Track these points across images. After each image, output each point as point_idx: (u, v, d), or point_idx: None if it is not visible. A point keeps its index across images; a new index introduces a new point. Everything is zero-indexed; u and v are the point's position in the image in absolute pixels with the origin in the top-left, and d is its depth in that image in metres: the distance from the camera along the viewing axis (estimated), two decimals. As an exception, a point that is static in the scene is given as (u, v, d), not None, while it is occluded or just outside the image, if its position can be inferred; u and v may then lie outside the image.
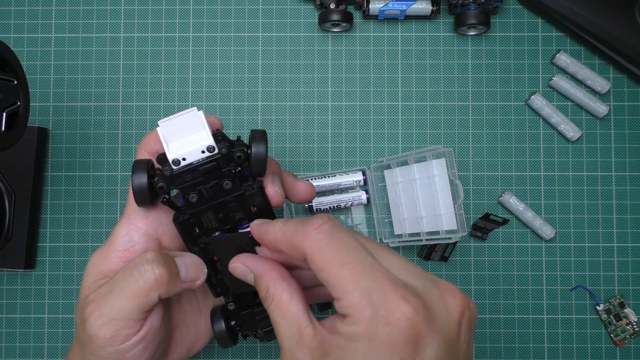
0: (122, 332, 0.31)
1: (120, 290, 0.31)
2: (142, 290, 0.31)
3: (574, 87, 0.47)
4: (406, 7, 0.46)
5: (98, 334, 0.31)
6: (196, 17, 0.49)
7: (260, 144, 0.32)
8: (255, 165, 0.33)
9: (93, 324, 0.31)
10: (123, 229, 0.34)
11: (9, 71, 0.36)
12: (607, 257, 0.47)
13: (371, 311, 0.26)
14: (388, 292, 0.26)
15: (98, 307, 0.31)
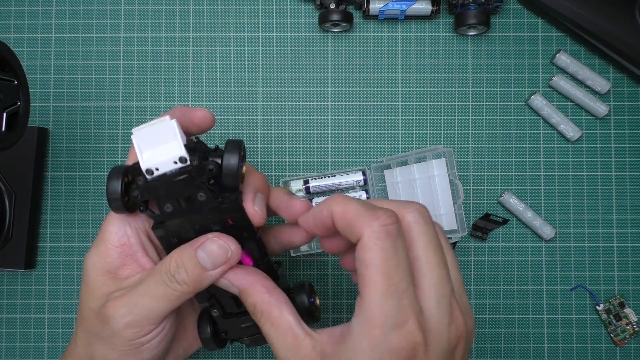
0: (146, 329, 0.33)
1: (152, 294, 0.32)
2: (174, 296, 0.32)
3: (574, 87, 0.47)
4: (406, 7, 0.46)
5: (124, 330, 0.32)
6: (196, 17, 0.49)
7: (232, 156, 0.31)
8: (226, 178, 0.31)
9: (120, 321, 0.32)
10: (114, 225, 0.34)
11: (9, 71, 0.36)
12: (607, 257, 0.47)
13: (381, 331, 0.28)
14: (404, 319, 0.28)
15: (125, 305, 0.32)
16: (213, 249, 0.32)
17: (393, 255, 0.28)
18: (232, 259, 0.32)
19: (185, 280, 0.32)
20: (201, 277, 0.32)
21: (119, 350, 0.33)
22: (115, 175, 0.32)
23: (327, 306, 0.47)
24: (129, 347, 0.33)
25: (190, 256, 0.32)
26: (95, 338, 0.34)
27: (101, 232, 0.35)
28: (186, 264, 0.32)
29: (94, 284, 0.34)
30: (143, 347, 0.33)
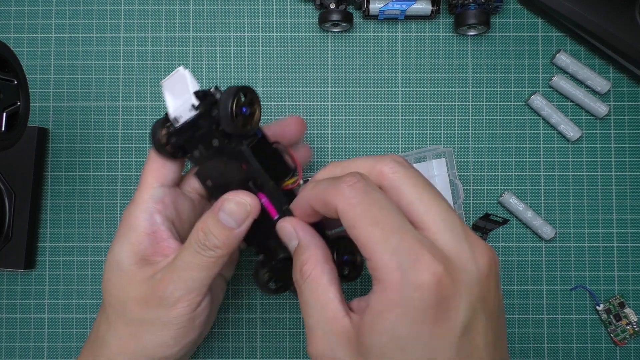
0: (196, 299, 0.34)
1: (191, 266, 0.33)
2: (210, 262, 0.33)
3: (574, 87, 0.47)
4: (406, 7, 0.46)
5: (177, 306, 0.33)
6: (196, 17, 0.49)
7: (225, 100, 0.32)
8: (222, 123, 0.32)
9: (171, 297, 0.33)
10: (143, 213, 0.35)
11: (9, 71, 0.36)
12: (607, 257, 0.47)
13: (400, 274, 0.26)
14: (416, 254, 0.26)
15: (171, 281, 0.33)
16: (232, 207, 0.33)
17: (371, 204, 0.27)
18: (252, 212, 0.33)
19: (216, 244, 0.33)
20: (230, 237, 0.33)
21: (174, 329, 0.34)
22: (158, 125, 0.35)
23: (327, 306, 0.47)
24: (184, 324, 0.34)
25: (214, 221, 0.33)
26: (144, 326, 0.34)
27: (127, 223, 0.36)
28: (213, 230, 0.33)
29: (131, 274, 0.35)
30: (195, 323, 0.34)
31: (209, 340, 0.47)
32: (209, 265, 0.33)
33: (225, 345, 0.47)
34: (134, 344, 0.34)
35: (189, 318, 0.34)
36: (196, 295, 0.34)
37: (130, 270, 0.35)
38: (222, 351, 0.47)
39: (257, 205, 0.33)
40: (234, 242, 0.33)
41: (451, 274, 0.26)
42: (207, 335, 0.47)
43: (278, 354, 0.47)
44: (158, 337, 0.34)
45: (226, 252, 0.33)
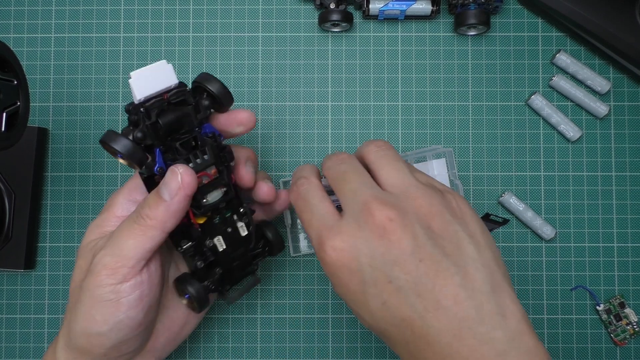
0: (121, 270, 0.34)
1: (122, 233, 0.34)
2: (140, 231, 0.34)
3: (574, 87, 0.47)
4: (406, 7, 0.46)
5: (102, 270, 0.34)
6: (196, 17, 0.49)
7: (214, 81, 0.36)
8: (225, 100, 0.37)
9: (99, 262, 0.34)
10: (123, 198, 0.37)
11: (9, 71, 0.36)
12: (607, 257, 0.47)
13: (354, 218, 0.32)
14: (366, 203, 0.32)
15: (104, 248, 0.34)
16: (167, 177, 0.34)
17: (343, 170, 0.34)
18: (184, 185, 0.33)
19: (148, 213, 0.34)
20: (160, 208, 0.33)
21: (98, 301, 0.34)
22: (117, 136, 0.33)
23: (327, 306, 0.47)
24: (107, 297, 0.34)
25: (153, 192, 0.34)
26: (79, 296, 0.35)
27: (107, 204, 0.38)
28: (149, 200, 0.34)
29: (86, 243, 0.36)
30: (121, 301, 0.34)
31: (209, 340, 0.47)
32: (137, 233, 0.34)
33: (225, 345, 0.47)
34: (73, 314, 0.35)
35: (113, 289, 0.34)
36: (122, 265, 0.34)
37: (87, 241, 0.37)
38: (222, 351, 0.47)
39: (191, 180, 0.34)
40: (164, 214, 0.34)
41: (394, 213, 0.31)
42: (206, 335, 0.47)
43: (278, 354, 0.47)
44: (87, 308, 0.34)
45: (156, 225, 0.34)
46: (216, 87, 0.36)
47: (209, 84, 0.36)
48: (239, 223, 0.38)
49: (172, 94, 0.35)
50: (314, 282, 0.47)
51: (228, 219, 0.38)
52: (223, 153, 0.37)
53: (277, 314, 0.47)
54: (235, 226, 0.38)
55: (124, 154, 0.33)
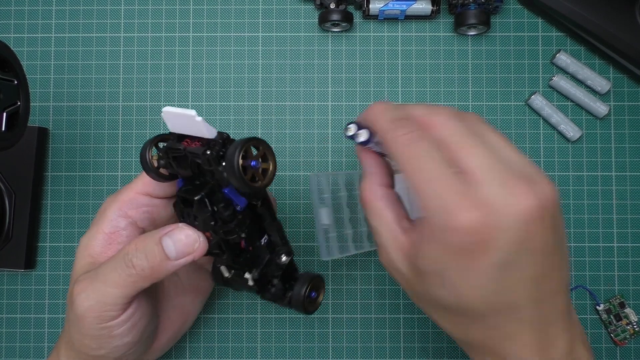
0: (107, 314, 0.32)
1: (107, 279, 0.32)
2: (128, 282, 0.32)
3: (574, 87, 0.47)
4: (406, 7, 0.46)
5: (85, 314, 0.32)
6: (196, 17, 0.49)
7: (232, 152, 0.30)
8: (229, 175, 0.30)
9: (80, 304, 0.32)
10: (113, 213, 0.35)
11: (9, 71, 0.36)
12: (607, 257, 0.47)
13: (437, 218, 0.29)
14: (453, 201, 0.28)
15: (85, 289, 0.32)
16: (181, 238, 0.31)
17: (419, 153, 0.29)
18: (197, 251, 0.32)
19: (142, 266, 0.31)
20: (161, 265, 0.31)
21: (88, 335, 0.33)
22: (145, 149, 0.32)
23: (327, 306, 0.47)
24: (96, 332, 0.33)
25: (154, 242, 0.31)
26: (72, 326, 0.34)
27: (97, 216, 0.35)
28: (148, 250, 0.31)
29: (77, 267, 0.35)
30: (114, 333, 0.33)
31: (210, 340, 0.47)
32: (125, 283, 0.31)
33: (225, 345, 0.47)
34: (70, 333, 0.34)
35: (103, 328, 0.32)
36: (108, 310, 0.32)
37: (77, 263, 0.35)
38: (222, 351, 0.47)
39: (205, 249, 0.32)
40: (162, 272, 0.32)
41: (487, 219, 0.27)
42: (206, 335, 0.47)
43: (278, 354, 0.47)
44: (80, 337, 0.33)
45: (149, 278, 0.32)
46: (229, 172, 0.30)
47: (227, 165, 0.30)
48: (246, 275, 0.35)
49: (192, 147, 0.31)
50: (314, 282, 0.47)
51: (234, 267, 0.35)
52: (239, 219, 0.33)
53: (277, 314, 0.47)
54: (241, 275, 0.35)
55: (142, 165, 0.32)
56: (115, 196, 0.36)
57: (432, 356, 0.47)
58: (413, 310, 0.47)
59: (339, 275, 0.47)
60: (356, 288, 0.47)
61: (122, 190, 0.36)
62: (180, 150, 0.31)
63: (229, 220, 0.32)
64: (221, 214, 0.32)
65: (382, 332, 0.47)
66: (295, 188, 0.48)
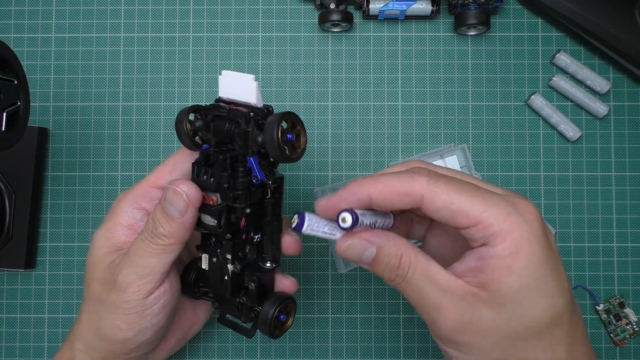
0: (147, 286, 0.34)
1: (142, 253, 0.34)
2: (160, 251, 0.34)
3: (573, 87, 0.47)
4: (406, 7, 0.46)
5: (127, 288, 0.34)
6: (196, 17, 0.49)
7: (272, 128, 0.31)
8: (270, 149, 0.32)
9: (123, 280, 0.34)
10: (128, 206, 0.36)
11: (9, 71, 0.36)
12: (607, 257, 0.47)
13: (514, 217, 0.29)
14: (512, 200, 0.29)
15: (125, 266, 0.34)
16: (170, 196, 0.33)
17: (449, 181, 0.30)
18: (191, 200, 0.33)
19: (163, 233, 0.33)
20: (175, 227, 0.33)
21: (124, 314, 0.34)
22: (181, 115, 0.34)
23: (327, 306, 0.47)
24: (134, 310, 0.34)
25: (160, 210, 0.33)
26: (102, 307, 0.35)
27: (112, 210, 0.37)
28: (159, 219, 0.33)
29: (99, 256, 0.36)
30: (146, 312, 0.35)
31: (209, 340, 0.47)
32: (158, 252, 0.34)
33: (225, 345, 0.47)
34: (95, 322, 0.36)
35: (139, 304, 0.34)
36: (147, 282, 0.34)
37: (99, 252, 0.36)
38: (222, 351, 0.47)
39: (195, 194, 0.33)
40: (180, 231, 0.33)
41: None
42: (206, 335, 0.47)
43: (278, 354, 0.47)
44: (111, 319, 0.35)
45: (175, 242, 0.34)
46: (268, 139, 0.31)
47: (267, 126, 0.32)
48: (229, 265, 0.35)
49: (235, 110, 0.33)
50: (314, 282, 0.47)
51: (219, 252, 0.35)
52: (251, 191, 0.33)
53: (277, 314, 0.47)
54: (222, 264, 0.35)
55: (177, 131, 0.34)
56: (128, 191, 0.37)
57: (432, 356, 0.47)
58: (412, 311, 0.47)
59: (338, 275, 0.47)
60: (356, 288, 0.47)
61: (136, 185, 0.37)
62: (225, 109, 0.33)
63: (242, 187, 0.33)
64: (238, 179, 0.33)
65: (382, 332, 0.47)
66: (295, 188, 0.48)
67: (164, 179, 0.37)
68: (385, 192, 0.30)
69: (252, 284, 0.36)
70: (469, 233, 0.29)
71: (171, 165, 0.37)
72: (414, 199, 0.30)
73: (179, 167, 0.37)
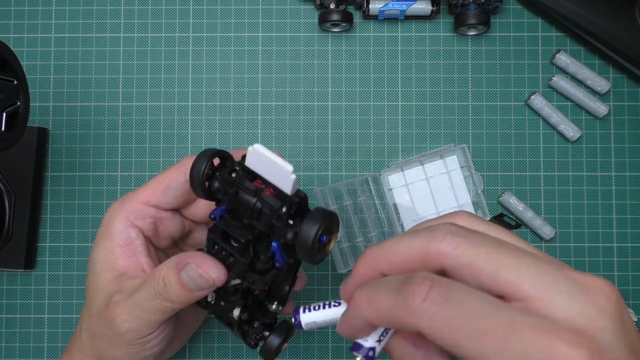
0: (146, 331, 0.34)
1: (146, 307, 0.33)
2: (164, 309, 0.33)
3: (573, 87, 0.47)
4: (406, 7, 0.46)
5: (126, 334, 0.34)
6: (196, 17, 0.49)
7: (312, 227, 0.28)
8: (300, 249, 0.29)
9: (120, 325, 0.33)
10: (121, 224, 0.35)
11: (9, 71, 0.36)
12: (607, 257, 0.47)
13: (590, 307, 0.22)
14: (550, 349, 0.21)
15: (124, 312, 0.33)
16: (194, 276, 0.32)
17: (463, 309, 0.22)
18: (215, 284, 0.32)
19: (173, 298, 0.32)
20: (188, 296, 0.32)
21: (122, 349, 0.34)
22: (199, 164, 0.31)
23: (327, 306, 0.47)
24: (132, 347, 0.34)
25: (175, 278, 0.32)
26: (99, 335, 0.35)
27: (106, 228, 0.35)
28: (172, 285, 0.32)
29: (100, 281, 0.35)
30: (146, 346, 0.34)
31: (209, 340, 0.47)
32: (163, 311, 0.33)
33: (225, 345, 0.47)
34: (94, 345, 0.35)
35: (139, 343, 0.34)
36: (147, 328, 0.34)
37: (101, 277, 0.35)
38: (222, 351, 0.47)
39: (222, 280, 0.32)
40: (191, 300, 0.33)
41: (590, 343, 0.21)
42: (206, 335, 0.47)
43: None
44: (110, 348, 0.35)
45: (183, 306, 0.33)
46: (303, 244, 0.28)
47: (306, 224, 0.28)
48: (235, 310, 0.33)
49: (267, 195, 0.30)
50: (314, 282, 0.47)
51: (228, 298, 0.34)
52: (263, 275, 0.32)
53: (277, 314, 0.47)
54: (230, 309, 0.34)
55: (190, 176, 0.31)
56: (120, 206, 0.36)
57: (432, 356, 0.47)
58: (413, 310, 0.47)
59: (338, 275, 0.47)
60: (356, 288, 0.47)
61: (126, 199, 0.36)
62: (251, 191, 0.30)
63: (264, 272, 0.31)
64: (259, 265, 0.31)
65: (382, 332, 0.47)
66: (295, 188, 0.48)
67: (156, 197, 0.35)
68: (380, 320, 0.24)
69: (257, 322, 0.35)
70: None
71: (165, 184, 0.35)
72: (413, 329, 0.23)
73: (173, 187, 0.35)
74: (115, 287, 0.34)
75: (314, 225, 0.28)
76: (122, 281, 0.34)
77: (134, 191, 0.36)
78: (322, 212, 0.28)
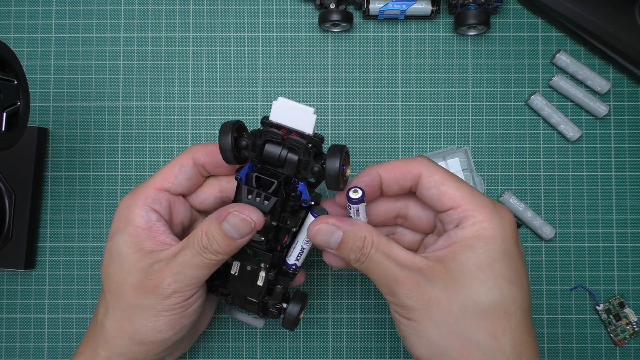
0: (191, 292, 0.36)
1: (190, 264, 0.35)
2: (208, 263, 0.35)
3: (573, 87, 0.47)
4: (406, 7, 0.46)
5: (171, 297, 0.35)
6: (196, 17, 0.49)
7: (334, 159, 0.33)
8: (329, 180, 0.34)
9: (167, 288, 0.35)
10: (141, 209, 0.37)
11: (9, 71, 0.36)
12: (607, 257, 0.47)
13: (491, 211, 0.33)
14: (495, 202, 0.34)
15: (169, 275, 0.35)
16: (236, 222, 0.34)
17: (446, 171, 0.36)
18: (256, 227, 0.34)
19: (218, 250, 0.35)
20: (231, 245, 0.35)
21: (167, 316, 0.36)
22: (226, 129, 0.35)
23: (327, 306, 0.47)
24: (177, 311, 0.36)
25: (217, 229, 0.34)
26: (137, 311, 0.36)
27: (125, 216, 0.37)
28: (216, 237, 0.34)
29: (130, 262, 0.36)
30: (187, 312, 0.36)
31: (209, 340, 0.47)
32: (209, 265, 0.35)
33: (225, 345, 0.47)
34: (129, 327, 0.36)
35: (182, 306, 0.36)
36: (192, 289, 0.36)
37: (129, 258, 0.36)
38: (222, 351, 0.47)
39: (262, 223, 0.34)
40: (235, 249, 0.35)
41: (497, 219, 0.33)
42: (206, 335, 0.47)
43: (278, 354, 0.47)
44: (151, 322, 0.36)
45: (227, 257, 0.35)
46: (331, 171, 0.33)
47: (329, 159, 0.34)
48: (261, 272, 0.37)
49: (293, 137, 0.35)
50: (314, 282, 0.47)
51: (253, 260, 0.37)
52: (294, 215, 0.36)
53: (277, 314, 0.47)
54: (256, 272, 0.37)
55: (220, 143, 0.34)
56: (133, 195, 0.38)
57: (432, 356, 0.47)
58: (413, 310, 0.47)
59: (338, 275, 0.47)
60: (356, 288, 0.47)
61: (139, 189, 0.38)
62: (278, 136, 0.35)
63: (294, 210, 0.36)
64: (290, 204, 0.35)
65: (382, 332, 0.47)
66: (295, 188, 0.48)
67: (169, 181, 0.38)
68: (391, 171, 0.35)
69: (279, 286, 0.38)
70: (447, 215, 0.34)
71: (177, 168, 0.38)
72: (413, 177, 0.35)
73: (184, 171, 0.38)
74: (148, 261, 0.36)
75: (336, 157, 0.33)
76: (154, 255, 0.36)
77: (145, 181, 0.38)
78: (339, 147, 0.34)
